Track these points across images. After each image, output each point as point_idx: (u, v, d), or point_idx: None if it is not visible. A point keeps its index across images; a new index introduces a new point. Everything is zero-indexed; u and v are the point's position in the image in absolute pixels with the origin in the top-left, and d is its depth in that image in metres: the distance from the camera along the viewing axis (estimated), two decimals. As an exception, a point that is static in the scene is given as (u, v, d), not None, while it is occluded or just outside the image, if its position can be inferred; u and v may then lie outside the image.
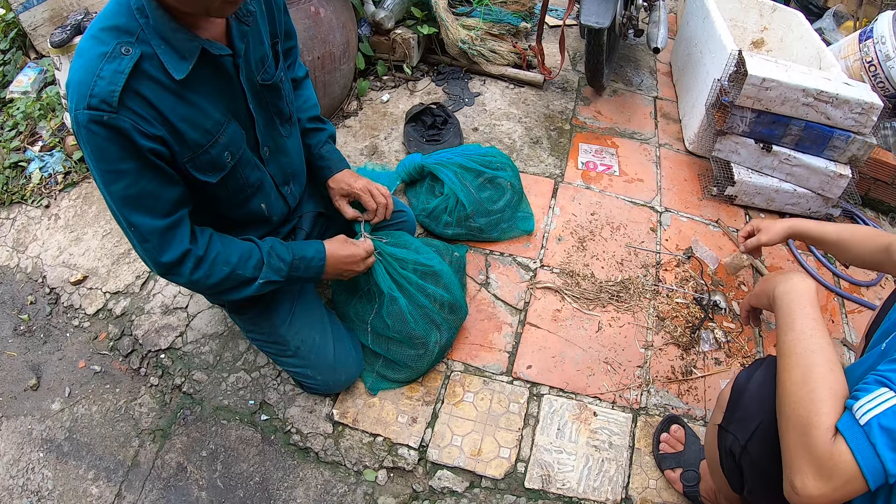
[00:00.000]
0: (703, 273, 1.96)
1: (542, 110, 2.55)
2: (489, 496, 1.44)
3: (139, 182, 1.04)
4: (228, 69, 1.11)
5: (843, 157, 2.10)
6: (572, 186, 2.22)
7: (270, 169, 1.34)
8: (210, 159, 1.13)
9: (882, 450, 0.75)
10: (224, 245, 1.22)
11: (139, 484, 1.47)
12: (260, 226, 1.41)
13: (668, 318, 1.81)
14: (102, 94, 0.94)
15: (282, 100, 1.29)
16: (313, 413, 1.56)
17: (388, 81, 2.63)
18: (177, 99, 1.03)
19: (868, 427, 0.76)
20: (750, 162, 2.19)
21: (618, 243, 2.02)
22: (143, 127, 0.99)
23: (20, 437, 1.56)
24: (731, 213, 2.21)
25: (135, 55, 0.96)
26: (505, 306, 1.81)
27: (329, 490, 1.44)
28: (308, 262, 1.34)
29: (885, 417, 0.75)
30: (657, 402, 1.63)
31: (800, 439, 0.82)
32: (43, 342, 1.77)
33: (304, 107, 1.51)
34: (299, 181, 1.49)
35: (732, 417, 1.04)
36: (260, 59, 1.20)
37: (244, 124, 1.21)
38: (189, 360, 1.67)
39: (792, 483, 0.82)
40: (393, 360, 1.58)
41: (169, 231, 1.11)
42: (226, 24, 1.10)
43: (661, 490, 1.48)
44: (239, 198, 1.28)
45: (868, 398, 0.78)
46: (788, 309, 0.98)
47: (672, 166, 2.37)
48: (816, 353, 0.89)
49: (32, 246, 2.00)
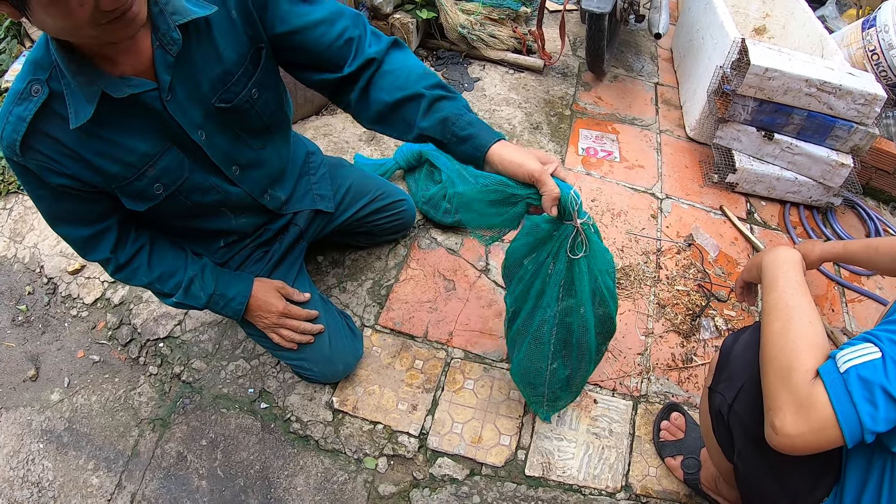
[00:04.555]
0: (704, 260, 1.95)
1: (543, 96, 2.53)
2: (489, 484, 1.44)
3: (58, 204, 1.09)
4: (153, 104, 1.01)
5: (844, 147, 2.09)
6: (573, 172, 2.20)
7: (245, 186, 1.27)
8: (136, 190, 1.09)
9: (858, 399, 0.76)
10: (150, 259, 1.25)
11: (139, 473, 1.47)
12: (231, 233, 1.42)
13: (669, 305, 1.80)
14: (7, 140, 0.97)
15: (253, 119, 1.17)
16: (313, 401, 1.56)
17: (386, 67, 2.60)
18: (90, 137, 0.99)
19: (847, 375, 0.78)
20: (751, 150, 2.18)
21: (618, 230, 2.01)
22: (51, 166, 1.00)
23: (20, 429, 1.56)
24: (732, 201, 2.20)
25: (42, 96, 0.94)
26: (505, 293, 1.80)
27: (329, 478, 1.44)
28: (227, 301, 1.36)
29: (865, 369, 0.77)
30: (657, 389, 1.63)
31: (780, 381, 0.85)
32: (41, 332, 1.76)
33: (410, 80, 1.11)
34: (283, 183, 1.43)
35: (720, 378, 1.08)
36: (218, 79, 1.07)
37: (193, 152, 1.12)
38: (188, 348, 1.67)
39: (772, 423, 0.84)
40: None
41: (92, 239, 1.16)
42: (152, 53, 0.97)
43: (662, 478, 1.49)
44: (190, 215, 1.26)
45: (851, 349, 0.80)
46: (773, 273, 1.02)
47: (673, 153, 2.35)
48: (796, 308, 0.93)
49: (30, 236, 1.99)
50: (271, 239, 1.51)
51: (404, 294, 1.78)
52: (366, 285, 1.80)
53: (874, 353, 0.78)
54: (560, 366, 1.32)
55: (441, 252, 1.90)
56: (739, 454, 1.05)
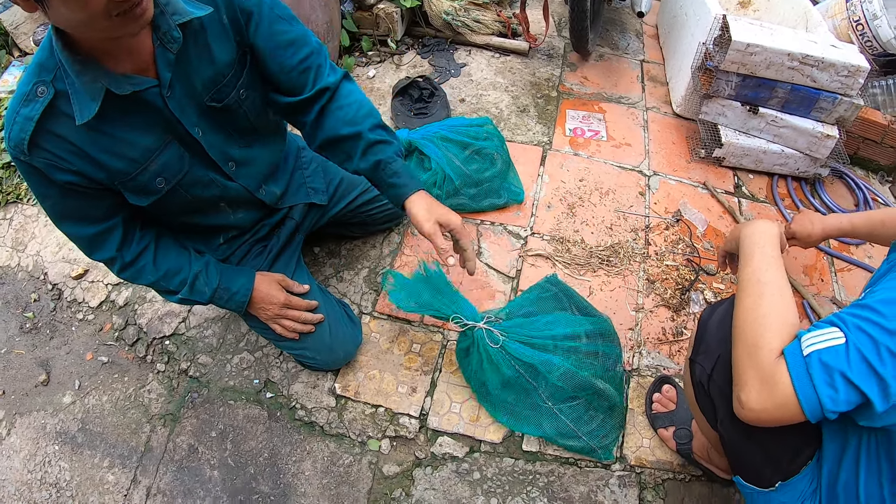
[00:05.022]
0: (693, 235, 1.98)
1: (529, 78, 2.55)
2: (489, 460, 1.50)
3: (63, 203, 1.12)
4: (154, 101, 1.07)
5: (830, 118, 2.10)
6: (560, 153, 2.23)
7: (241, 181, 1.33)
8: (139, 185, 1.14)
9: (818, 383, 0.79)
10: (156, 257, 1.29)
11: (153, 468, 1.53)
12: (230, 229, 1.46)
13: (658, 280, 1.85)
14: (15, 140, 1.01)
15: (240, 118, 1.23)
16: (316, 388, 1.61)
17: (373, 57, 2.62)
18: (95, 133, 1.04)
19: (809, 359, 0.80)
20: (737, 124, 2.20)
21: (607, 208, 2.05)
22: (58, 164, 1.04)
23: (35, 433, 1.61)
24: (720, 175, 2.23)
25: (48, 96, 0.99)
26: (497, 275, 1.85)
27: (335, 461, 1.50)
28: (231, 295, 1.40)
29: (827, 354, 0.79)
30: (649, 363, 1.68)
31: (747, 357, 0.88)
32: (50, 338, 1.80)
33: (358, 117, 1.26)
34: (278, 178, 1.49)
35: (699, 349, 1.11)
36: (210, 80, 1.13)
37: (192, 147, 1.18)
38: (193, 344, 1.72)
39: (738, 397, 0.87)
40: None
41: (98, 237, 1.19)
42: (153, 52, 1.03)
43: (655, 448, 1.53)
44: (191, 210, 1.31)
45: (817, 332, 0.82)
46: (749, 247, 1.03)
47: (660, 129, 2.38)
48: (768, 284, 0.94)
49: (32, 244, 2.02)
50: (269, 233, 1.56)
51: (400, 280, 1.82)
52: (362, 273, 1.85)
53: (838, 339, 0.80)
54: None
55: (434, 238, 1.93)
56: (722, 422, 1.08)
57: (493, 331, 1.46)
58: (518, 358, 1.45)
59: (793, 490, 1.07)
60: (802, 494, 1.08)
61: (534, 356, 1.44)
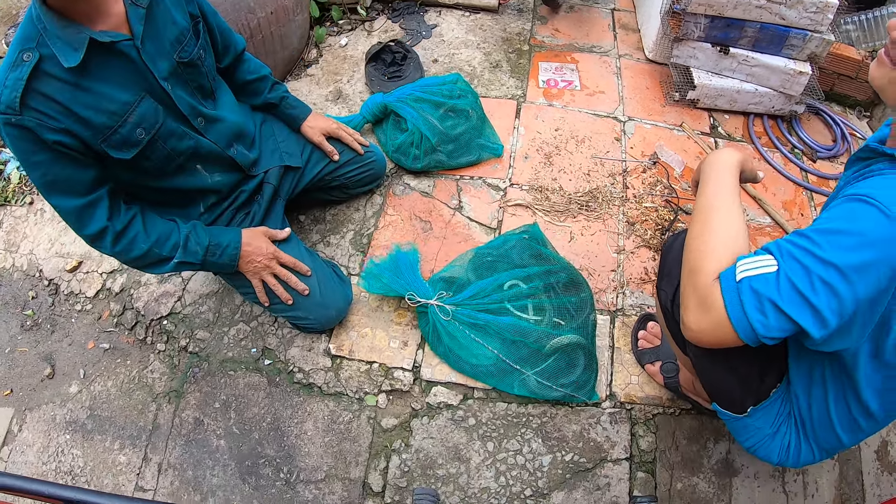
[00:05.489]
0: (670, 176, 2.01)
1: (500, 34, 2.54)
2: (482, 405, 1.55)
3: (53, 170, 1.19)
4: (129, 53, 1.20)
5: (801, 55, 2.11)
6: (535, 105, 2.25)
7: (211, 136, 1.44)
8: (122, 137, 1.23)
9: (749, 309, 0.82)
10: (145, 224, 1.36)
11: (162, 444, 1.58)
12: (209, 193, 1.52)
13: (638, 222, 1.88)
14: (7, 101, 1.09)
15: (202, 76, 1.39)
16: (312, 351, 1.66)
17: (344, 25, 2.61)
18: (78, 90, 1.14)
19: (740, 284, 0.83)
20: (709, 65, 2.21)
21: (583, 155, 2.07)
22: (47, 122, 1.12)
23: (46, 425, 1.66)
24: (695, 117, 2.25)
25: (34, 59, 1.09)
26: (479, 227, 1.89)
27: (336, 419, 1.56)
28: (223, 249, 1.46)
29: (757, 281, 0.82)
30: (633, 302, 1.72)
31: (689, 280, 0.91)
32: (51, 332, 1.84)
33: (259, 67, 1.67)
34: (247, 141, 1.57)
35: (662, 276, 1.16)
36: (175, 39, 1.29)
37: (163, 101, 1.30)
38: (190, 321, 1.76)
39: (683, 318, 0.91)
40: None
41: (87, 209, 1.26)
42: (125, 13, 1.19)
43: (644, 384, 1.59)
44: (172, 165, 1.38)
45: (751, 260, 0.84)
46: (706, 174, 1.04)
47: (633, 76, 2.39)
48: (717, 210, 0.96)
49: (24, 243, 2.04)
50: (248, 200, 1.61)
51: (385, 239, 1.86)
52: (348, 236, 1.89)
53: (770, 267, 0.82)
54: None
55: (415, 196, 1.97)
56: (688, 345, 1.12)
57: (444, 306, 1.56)
58: (474, 325, 1.53)
59: (766, 414, 1.12)
60: (777, 417, 1.12)
61: (488, 320, 1.54)
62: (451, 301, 1.58)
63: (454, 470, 1.48)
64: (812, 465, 1.18)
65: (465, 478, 1.47)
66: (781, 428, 1.12)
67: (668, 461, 1.51)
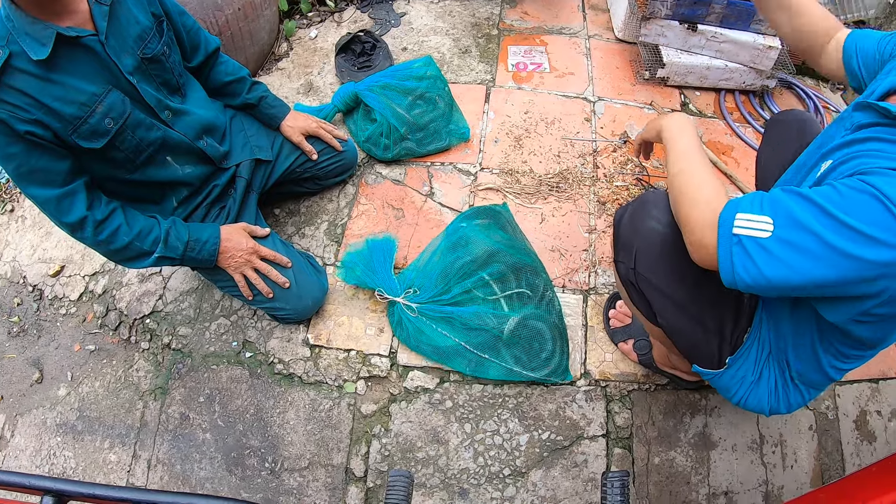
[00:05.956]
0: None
1: (469, 20, 2.55)
2: (459, 388, 1.59)
3: (28, 161, 1.24)
4: (94, 47, 1.25)
5: (770, 30, 2.12)
6: (504, 89, 2.26)
7: (179, 128, 1.48)
8: (91, 128, 1.28)
9: (737, 263, 0.88)
10: (127, 218, 1.40)
11: (150, 441, 1.61)
12: (180, 186, 1.54)
13: (609, 201, 1.90)
14: None
15: (167, 72, 1.43)
16: (291, 341, 1.69)
17: (313, 17, 2.61)
18: (47, 83, 1.20)
19: (735, 239, 0.88)
20: (678, 43, 2.22)
21: (553, 137, 2.09)
22: (19, 114, 1.18)
23: (37, 429, 1.68)
24: (666, 95, 2.27)
25: (4, 55, 1.15)
26: (451, 212, 1.91)
27: (316, 407, 1.59)
28: (202, 245, 1.49)
29: (749, 241, 0.86)
30: (605, 281, 1.75)
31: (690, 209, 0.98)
32: (37, 337, 1.86)
33: (237, 68, 1.71)
34: (217, 135, 1.60)
35: (618, 249, 1.19)
36: (138, 37, 1.35)
37: (129, 93, 1.35)
38: (172, 318, 1.78)
39: (687, 241, 0.99)
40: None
41: (65, 199, 1.30)
42: (89, 9, 1.25)
43: (618, 362, 1.62)
44: (141, 157, 1.41)
45: (753, 217, 0.87)
46: (672, 133, 1.13)
47: (603, 56, 2.40)
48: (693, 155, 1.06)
49: (7, 251, 2.05)
50: (222, 194, 1.63)
51: (358, 229, 1.88)
52: (322, 227, 1.91)
53: (765, 232, 0.85)
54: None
55: (387, 185, 1.99)
56: (659, 313, 1.14)
57: (410, 304, 1.61)
58: (441, 319, 1.58)
59: (745, 361, 1.15)
60: (757, 363, 1.16)
61: (453, 312, 1.59)
62: (416, 299, 1.62)
63: (433, 452, 1.52)
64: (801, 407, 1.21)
65: (444, 459, 1.51)
66: (764, 372, 1.16)
67: (645, 436, 1.55)
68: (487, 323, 1.57)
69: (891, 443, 1.61)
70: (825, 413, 1.61)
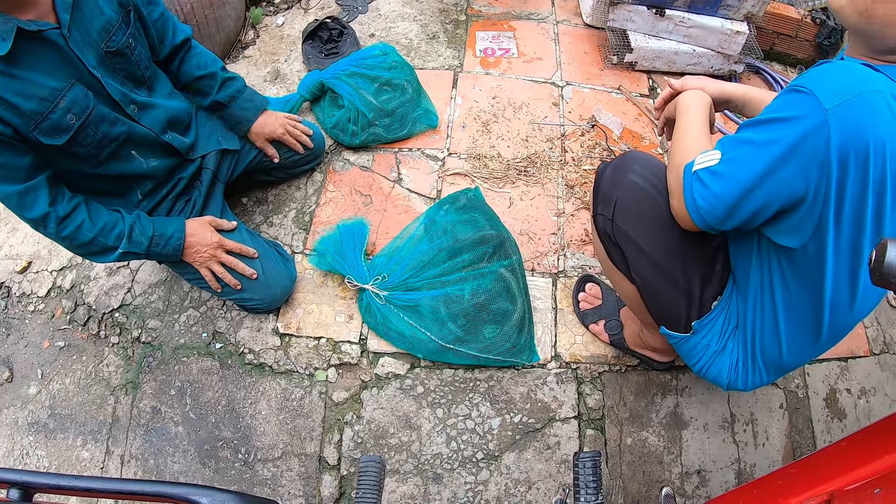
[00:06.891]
0: (609, 138, 2.05)
1: (437, 5, 2.53)
2: (430, 373, 1.60)
3: None
4: (56, 41, 1.21)
5: (738, 15, 2.14)
6: (472, 74, 2.26)
7: (146, 122, 1.45)
8: (52, 123, 1.24)
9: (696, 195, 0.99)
10: (90, 213, 1.38)
11: (123, 436, 1.60)
12: (145, 179, 1.52)
13: (577, 185, 1.92)
14: None
15: (132, 65, 1.40)
16: (260, 331, 1.69)
17: (280, 4, 2.58)
18: (7, 78, 1.16)
19: (695, 175, 0.99)
20: (645, 28, 2.23)
21: (521, 122, 2.10)
22: None
23: (9, 429, 1.66)
24: (634, 79, 2.28)
25: None
26: (419, 197, 1.91)
27: (288, 397, 1.59)
28: (167, 240, 1.48)
29: (704, 172, 0.98)
30: (574, 264, 1.77)
31: (671, 174, 1.09)
32: (6, 335, 1.83)
33: (209, 62, 1.63)
34: (181, 127, 1.58)
35: (597, 202, 1.21)
36: (103, 28, 1.30)
37: (93, 87, 1.31)
38: (141, 311, 1.76)
39: (672, 207, 1.08)
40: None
41: (26, 195, 1.27)
42: (52, 1, 1.20)
43: (588, 344, 1.64)
44: (104, 152, 1.38)
45: (707, 154, 1.00)
46: (681, 109, 1.21)
47: (571, 41, 2.40)
48: (689, 130, 1.14)
49: (-28, 249, 2.03)
50: (188, 186, 1.61)
51: (326, 216, 1.88)
52: (290, 215, 1.90)
53: (715, 160, 0.97)
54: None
55: (355, 171, 1.98)
56: (633, 268, 1.18)
57: (378, 292, 1.61)
58: (406, 307, 1.59)
59: (711, 329, 1.18)
60: (722, 335, 1.19)
61: (419, 298, 1.59)
62: (385, 285, 1.62)
63: (406, 438, 1.53)
64: (758, 388, 1.24)
65: (417, 445, 1.52)
66: (728, 344, 1.19)
67: (617, 417, 1.57)
68: (452, 308, 1.57)
69: (861, 420, 1.65)
70: (795, 391, 1.65)
